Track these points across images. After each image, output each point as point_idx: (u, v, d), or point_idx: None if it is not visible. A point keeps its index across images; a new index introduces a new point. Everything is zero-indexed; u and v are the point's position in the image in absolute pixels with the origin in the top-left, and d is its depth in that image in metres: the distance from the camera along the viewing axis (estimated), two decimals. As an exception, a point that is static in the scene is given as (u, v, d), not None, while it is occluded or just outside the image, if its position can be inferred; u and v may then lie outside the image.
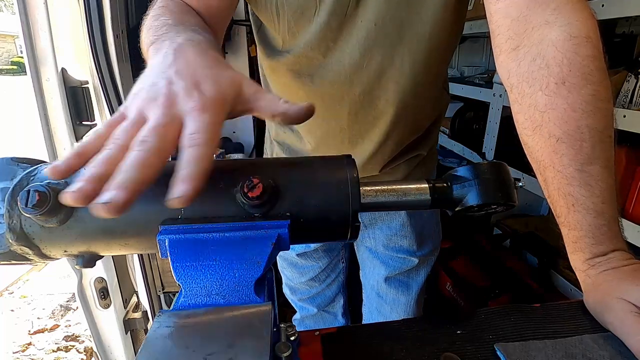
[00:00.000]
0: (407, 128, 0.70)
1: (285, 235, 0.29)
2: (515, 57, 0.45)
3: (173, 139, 0.28)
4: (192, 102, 0.29)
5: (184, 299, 0.27)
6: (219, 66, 0.34)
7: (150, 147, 0.26)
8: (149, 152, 0.26)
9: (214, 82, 0.31)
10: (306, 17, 0.58)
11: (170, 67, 0.32)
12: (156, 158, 0.26)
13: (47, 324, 2.04)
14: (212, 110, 0.29)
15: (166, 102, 0.30)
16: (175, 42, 0.35)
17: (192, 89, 0.30)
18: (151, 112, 0.29)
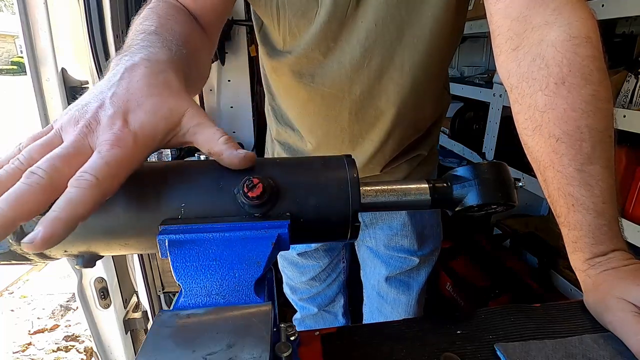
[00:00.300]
0: (408, 127, 0.70)
1: (285, 235, 0.29)
2: (515, 58, 0.45)
3: (69, 175, 0.25)
4: (109, 134, 0.27)
5: (184, 299, 0.27)
6: (163, 94, 0.31)
7: (35, 181, 0.24)
8: (31, 189, 0.24)
9: (147, 113, 0.30)
10: (307, 18, 0.58)
11: (111, 88, 0.30)
12: (39, 193, 0.24)
13: (47, 324, 2.04)
14: (126, 146, 0.27)
15: (84, 128, 0.28)
16: (132, 59, 0.33)
17: (117, 119, 0.28)
18: (66, 136, 0.28)
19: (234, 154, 0.30)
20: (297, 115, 0.73)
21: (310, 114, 0.70)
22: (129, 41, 0.39)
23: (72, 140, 0.27)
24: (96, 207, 0.25)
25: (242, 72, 1.70)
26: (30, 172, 0.25)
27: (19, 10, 0.84)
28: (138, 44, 0.36)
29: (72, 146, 0.27)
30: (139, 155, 0.28)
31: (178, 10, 0.50)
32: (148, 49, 0.35)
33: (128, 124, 0.29)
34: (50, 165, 0.25)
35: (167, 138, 0.31)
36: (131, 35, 0.40)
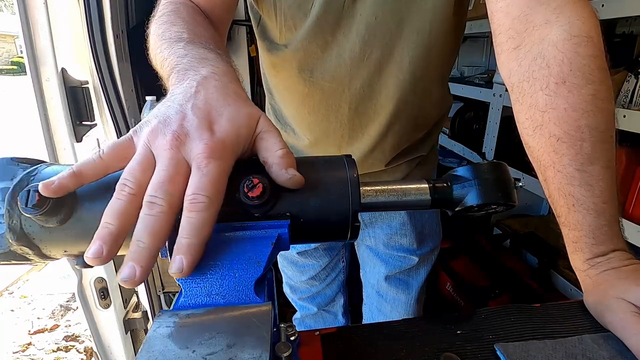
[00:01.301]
0: (407, 125, 0.70)
1: (285, 235, 0.29)
2: (516, 57, 0.45)
3: (180, 194, 0.27)
4: (201, 145, 0.28)
5: (184, 299, 0.27)
6: (238, 102, 0.33)
7: (159, 211, 0.26)
8: (159, 218, 0.26)
9: (229, 120, 0.31)
10: (302, 11, 0.58)
11: (189, 101, 0.31)
12: (166, 220, 0.26)
13: (47, 324, 2.04)
14: (220, 156, 0.28)
15: (174, 141, 0.29)
16: (199, 73, 0.34)
17: (204, 129, 0.29)
18: (159, 152, 0.29)
19: (282, 172, 0.30)
20: (295, 111, 0.73)
21: (309, 109, 0.70)
22: (170, 51, 0.39)
23: (168, 157, 0.28)
24: (214, 224, 0.27)
25: (242, 72, 1.69)
26: (150, 202, 0.26)
27: (19, 10, 0.84)
28: (193, 57, 0.37)
29: (171, 164, 0.28)
30: (231, 163, 0.29)
31: (197, 12, 0.51)
32: (206, 64, 0.36)
33: (215, 133, 0.29)
34: (164, 191, 0.27)
35: (247, 144, 0.31)
36: (165, 44, 0.41)
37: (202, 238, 0.26)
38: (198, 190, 0.27)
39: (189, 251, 0.26)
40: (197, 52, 0.38)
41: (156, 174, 0.28)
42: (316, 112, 0.69)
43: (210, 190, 0.27)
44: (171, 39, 0.41)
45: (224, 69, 0.36)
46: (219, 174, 0.28)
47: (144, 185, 0.27)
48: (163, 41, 0.42)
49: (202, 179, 0.27)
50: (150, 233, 0.26)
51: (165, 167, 0.28)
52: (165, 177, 0.27)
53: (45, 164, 0.32)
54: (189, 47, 0.39)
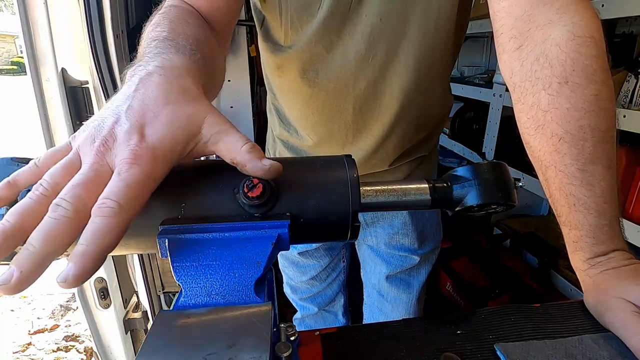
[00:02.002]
0: (411, 125, 0.70)
1: (285, 235, 0.29)
2: (518, 57, 0.45)
3: (92, 201, 0.25)
4: (126, 151, 0.27)
5: (184, 299, 0.26)
6: (180, 101, 0.30)
7: (62, 214, 0.24)
8: (60, 222, 0.24)
9: (164, 124, 0.29)
10: (309, 12, 0.58)
11: (126, 101, 0.29)
12: (68, 226, 0.24)
13: (47, 324, 2.04)
14: (145, 163, 0.27)
15: (101, 146, 0.27)
16: (145, 69, 0.32)
17: (133, 133, 0.27)
18: (85, 156, 0.27)
19: (258, 165, 0.29)
20: (299, 112, 0.73)
21: (313, 110, 0.69)
22: (142, 49, 0.38)
23: (91, 162, 0.27)
24: (123, 233, 0.25)
25: (242, 72, 1.70)
26: (56, 204, 0.24)
27: (19, 10, 0.84)
28: (151, 52, 0.35)
29: (92, 169, 0.26)
30: (159, 172, 0.28)
31: (190, 14, 0.49)
32: (161, 55, 0.34)
33: (145, 137, 0.28)
34: (73, 194, 0.25)
35: (188, 149, 0.30)
36: (144, 43, 0.39)
37: (102, 247, 0.23)
38: (110, 194, 0.25)
39: (81, 259, 0.23)
40: (160, 47, 0.36)
41: (72, 179, 0.26)
42: (320, 113, 0.69)
43: (123, 196, 0.25)
44: (150, 39, 0.39)
45: (176, 63, 0.34)
46: (138, 180, 0.26)
47: (58, 187, 0.26)
48: (144, 41, 0.40)
49: (118, 183, 0.25)
50: (45, 237, 0.23)
51: (84, 172, 0.26)
52: (79, 181, 0.26)
53: (45, 164, 0.32)
54: (157, 44, 0.37)
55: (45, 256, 0.23)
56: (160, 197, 0.30)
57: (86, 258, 0.23)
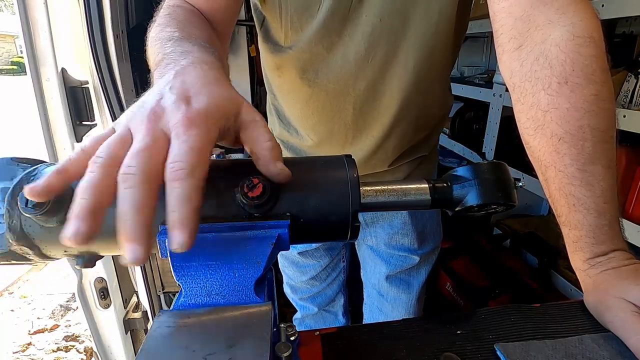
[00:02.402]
0: (410, 125, 0.70)
1: (285, 235, 0.29)
2: (518, 57, 0.45)
3: (158, 163, 0.25)
4: (179, 116, 0.27)
5: (184, 299, 0.27)
6: (219, 86, 0.31)
7: (136, 181, 0.24)
8: (138, 189, 0.24)
9: (208, 96, 0.29)
10: (310, 13, 0.58)
11: (166, 85, 0.30)
12: (146, 191, 0.24)
13: (47, 324, 2.04)
14: (200, 125, 0.27)
15: (152, 115, 0.28)
16: (179, 64, 0.33)
17: (181, 102, 0.28)
18: (137, 129, 0.28)
19: (271, 165, 0.29)
20: (299, 112, 0.73)
21: (313, 110, 0.69)
22: (157, 50, 0.39)
23: (145, 130, 0.27)
24: (201, 195, 0.25)
25: (242, 72, 1.70)
26: (124, 174, 0.25)
27: (19, 10, 0.85)
28: (175, 52, 0.36)
29: (148, 136, 0.27)
30: (213, 133, 0.28)
31: (194, 15, 0.50)
32: (189, 54, 0.36)
33: (192, 105, 0.28)
34: (139, 161, 0.25)
35: (228, 124, 0.30)
36: (158, 45, 0.40)
37: (192, 208, 0.24)
38: (177, 157, 0.25)
39: (182, 224, 0.24)
40: (182, 47, 0.38)
41: (131, 148, 0.26)
42: (320, 114, 0.69)
43: (191, 157, 0.25)
44: (162, 40, 0.40)
45: (205, 59, 0.35)
46: (199, 141, 0.26)
47: (118, 158, 0.26)
48: (156, 42, 0.41)
49: (182, 145, 0.26)
50: (132, 206, 0.24)
51: (141, 139, 0.26)
52: (139, 148, 0.26)
53: (45, 164, 0.32)
54: (176, 44, 0.38)
55: (144, 223, 0.24)
56: (160, 197, 0.30)
57: (187, 222, 0.24)
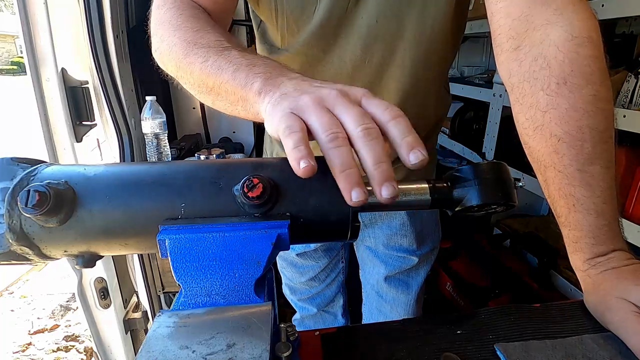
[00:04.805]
0: None
1: (285, 235, 0.29)
2: (516, 57, 0.45)
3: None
4: (360, 91, 0.33)
5: (184, 299, 0.27)
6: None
7: (377, 134, 0.29)
8: (377, 141, 0.29)
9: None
10: (306, 14, 0.58)
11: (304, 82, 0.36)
12: (382, 142, 0.29)
13: (47, 324, 2.04)
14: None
15: (337, 92, 0.32)
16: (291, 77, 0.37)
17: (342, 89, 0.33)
18: (333, 102, 0.32)
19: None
20: None
21: None
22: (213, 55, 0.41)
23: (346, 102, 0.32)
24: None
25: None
26: (365, 129, 0.29)
27: (19, 10, 0.85)
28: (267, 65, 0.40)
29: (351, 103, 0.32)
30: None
31: (204, 14, 0.52)
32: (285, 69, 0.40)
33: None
34: (367, 121, 0.30)
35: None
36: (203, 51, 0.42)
37: (415, 132, 0.30)
38: (388, 108, 0.31)
39: (417, 142, 0.29)
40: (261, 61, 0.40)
41: (348, 114, 0.30)
42: None
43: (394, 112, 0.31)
44: (213, 47, 0.42)
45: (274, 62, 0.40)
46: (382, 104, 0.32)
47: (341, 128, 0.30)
48: (202, 49, 0.42)
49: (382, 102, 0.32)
50: (382, 154, 0.29)
51: (348, 107, 0.31)
52: (357, 111, 0.31)
53: (45, 164, 0.32)
54: (246, 56, 0.41)
55: (390, 163, 0.29)
56: (160, 197, 0.30)
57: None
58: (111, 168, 0.31)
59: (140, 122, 1.13)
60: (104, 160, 1.13)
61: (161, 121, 1.12)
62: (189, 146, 1.47)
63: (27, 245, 0.30)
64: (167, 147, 1.18)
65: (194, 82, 0.44)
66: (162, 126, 1.13)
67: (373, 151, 0.29)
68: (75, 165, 0.32)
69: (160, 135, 1.14)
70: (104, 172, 0.31)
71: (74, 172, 0.31)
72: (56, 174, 0.30)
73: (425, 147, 0.29)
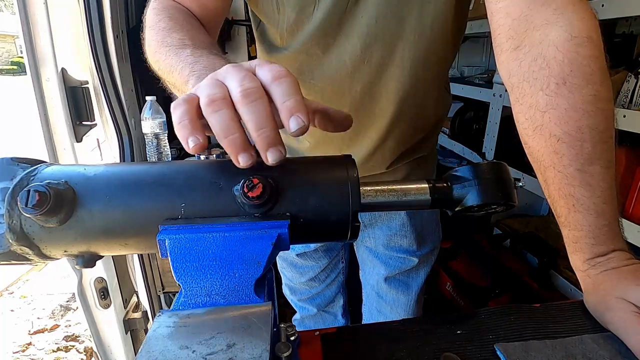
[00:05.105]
0: (409, 127, 0.70)
1: (285, 235, 0.29)
2: (516, 57, 0.45)
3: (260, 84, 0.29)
4: (257, 60, 0.31)
5: (184, 299, 0.27)
6: None
7: (257, 95, 0.28)
8: (261, 101, 0.28)
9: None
10: (305, 14, 0.58)
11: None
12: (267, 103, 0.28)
13: (47, 324, 2.04)
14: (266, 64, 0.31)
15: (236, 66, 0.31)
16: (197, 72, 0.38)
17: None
18: (225, 74, 0.30)
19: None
20: None
21: None
22: (177, 58, 0.42)
23: (234, 67, 0.31)
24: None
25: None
26: (246, 91, 0.28)
27: (19, 10, 0.85)
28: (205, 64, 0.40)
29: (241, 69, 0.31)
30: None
31: (191, 17, 0.52)
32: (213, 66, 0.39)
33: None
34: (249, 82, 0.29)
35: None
36: (169, 50, 0.43)
37: (300, 96, 0.28)
38: (274, 69, 0.30)
39: (298, 106, 0.28)
40: (207, 60, 0.41)
41: (231, 80, 0.29)
42: None
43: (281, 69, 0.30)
44: (175, 46, 0.42)
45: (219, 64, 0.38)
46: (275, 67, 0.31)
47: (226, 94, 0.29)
48: (167, 48, 0.43)
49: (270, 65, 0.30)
50: (263, 117, 0.28)
51: (234, 71, 0.30)
52: (243, 74, 0.29)
53: (45, 164, 0.32)
54: (196, 53, 0.41)
55: (276, 129, 0.28)
56: (160, 197, 0.30)
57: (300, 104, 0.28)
58: (111, 168, 0.31)
59: (140, 122, 1.13)
60: (104, 160, 1.13)
61: (161, 121, 1.12)
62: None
63: (27, 245, 0.30)
64: (167, 147, 1.18)
65: (162, 79, 0.46)
66: (162, 126, 1.13)
67: (253, 114, 0.28)
68: (75, 165, 0.32)
69: (160, 135, 1.14)
70: (104, 172, 0.31)
71: (74, 172, 0.31)
72: (56, 174, 0.30)
73: (306, 112, 0.28)
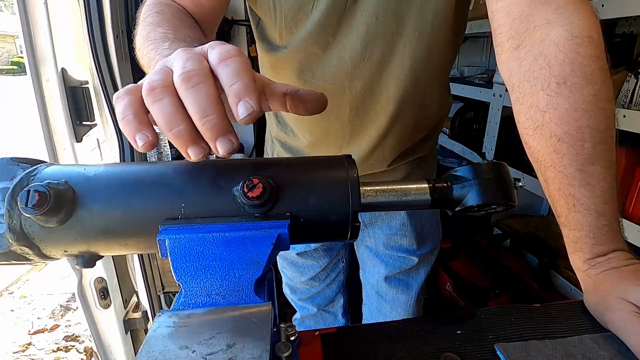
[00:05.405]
0: (408, 125, 0.70)
1: (285, 235, 0.29)
2: (516, 57, 0.45)
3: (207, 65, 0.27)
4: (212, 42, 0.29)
5: (184, 299, 0.27)
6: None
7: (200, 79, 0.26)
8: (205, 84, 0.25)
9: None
10: (303, 12, 0.58)
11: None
12: (211, 86, 0.26)
13: (47, 324, 2.04)
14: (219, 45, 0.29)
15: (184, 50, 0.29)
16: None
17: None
18: (172, 60, 0.28)
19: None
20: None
21: None
22: (155, 51, 0.40)
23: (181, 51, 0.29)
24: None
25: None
26: (184, 75, 0.26)
27: (19, 10, 0.84)
28: (165, 52, 0.38)
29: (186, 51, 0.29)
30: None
31: (182, 13, 0.51)
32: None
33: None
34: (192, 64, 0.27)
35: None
36: (150, 44, 0.41)
37: (250, 77, 0.25)
38: (223, 49, 0.27)
39: (247, 90, 0.25)
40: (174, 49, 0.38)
41: (175, 64, 0.27)
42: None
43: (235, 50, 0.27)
44: (156, 40, 0.41)
45: None
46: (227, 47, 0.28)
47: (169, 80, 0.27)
48: (149, 42, 0.42)
49: (223, 46, 0.28)
50: (207, 103, 0.25)
51: (181, 54, 0.28)
52: (185, 56, 0.27)
53: (45, 164, 0.32)
54: (173, 46, 0.39)
55: (225, 117, 0.26)
56: (160, 197, 0.30)
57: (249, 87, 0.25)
58: (111, 168, 0.31)
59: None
60: (104, 160, 1.13)
61: (161, 121, 1.12)
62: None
63: (27, 245, 0.30)
64: (167, 147, 1.18)
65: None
66: (162, 126, 1.13)
67: (195, 101, 0.25)
68: (75, 165, 0.32)
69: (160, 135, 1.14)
70: (104, 172, 0.31)
71: (74, 172, 0.31)
72: (56, 174, 0.30)
73: (257, 96, 0.25)
